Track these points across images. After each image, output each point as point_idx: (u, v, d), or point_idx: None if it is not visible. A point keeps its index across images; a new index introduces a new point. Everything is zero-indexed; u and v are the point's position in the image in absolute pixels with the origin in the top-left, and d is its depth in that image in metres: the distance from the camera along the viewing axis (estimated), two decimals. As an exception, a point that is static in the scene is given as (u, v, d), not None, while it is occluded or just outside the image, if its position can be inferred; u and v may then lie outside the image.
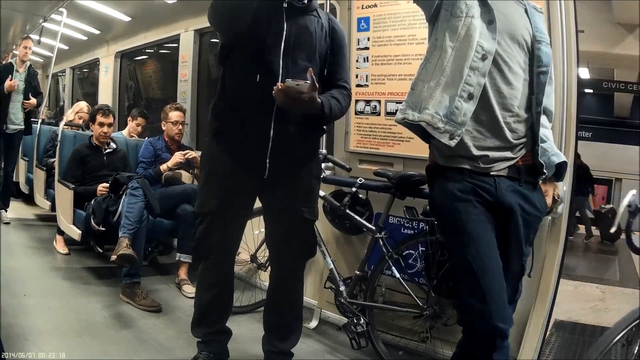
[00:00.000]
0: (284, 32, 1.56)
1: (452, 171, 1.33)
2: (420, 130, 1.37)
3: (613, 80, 7.47)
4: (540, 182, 1.39)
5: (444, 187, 1.35)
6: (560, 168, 1.41)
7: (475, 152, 1.30)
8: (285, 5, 1.57)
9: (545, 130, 1.38)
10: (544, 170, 1.35)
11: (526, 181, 1.35)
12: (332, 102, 1.59)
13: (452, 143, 1.28)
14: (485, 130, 1.30)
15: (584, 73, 7.46)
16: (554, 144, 1.44)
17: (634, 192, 1.40)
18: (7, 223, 3.92)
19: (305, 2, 1.61)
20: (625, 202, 1.37)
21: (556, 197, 1.46)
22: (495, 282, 1.27)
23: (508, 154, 1.32)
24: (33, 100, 3.95)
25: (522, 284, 1.43)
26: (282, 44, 1.55)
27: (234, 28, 1.54)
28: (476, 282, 1.26)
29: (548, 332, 2.59)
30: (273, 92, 1.45)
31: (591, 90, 8.07)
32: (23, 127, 3.97)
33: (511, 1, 1.37)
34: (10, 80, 3.69)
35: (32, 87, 3.97)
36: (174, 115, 3.11)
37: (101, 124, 3.09)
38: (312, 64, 1.59)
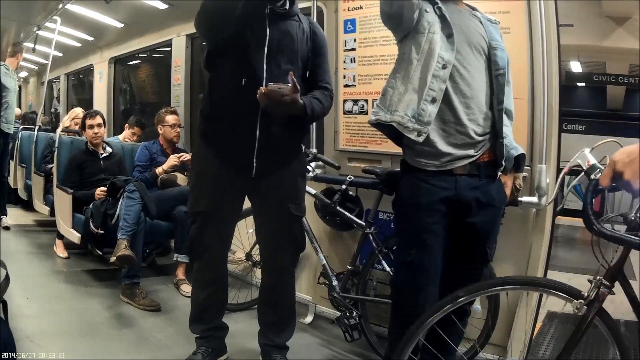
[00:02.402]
0: (267, 37, 1.61)
1: (418, 171, 1.48)
2: (390, 132, 1.54)
3: (604, 73, 7.48)
4: (500, 174, 1.54)
5: (411, 186, 1.51)
6: (519, 160, 1.58)
7: (443, 147, 1.45)
8: (267, 11, 1.63)
9: (506, 127, 1.53)
10: (503, 162, 1.50)
11: (485, 175, 1.49)
12: (314, 103, 1.65)
13: (420, 139, 1.44)
14: (450, 128, 1.46)
15: (576, 66, 7.47)
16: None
17: (586, 150, 1.19)
18: (7, 228, 3.96)
19: (287, 7, 1.67)
20: (570, 164, 1.19)
21: (517, 187, 1.64)
22: (425, 280, 1.47)
23: (471, 151, 1.47)
24: (18, 110, 4.05)
25: (489, 268, 1.61)
26: (266, 48, 1.61)
27: (218, 34, 1.60)
28: (411, 276, 1.48)
29: (541, 324, 2.64)
30: (257, 95, 1.51)
31: (583, 84, 8.08)
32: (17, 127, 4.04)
33: (467, 15, 1.54)
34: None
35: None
36: (171, 118, 3.17)
37: (90, 126, 3.17)
38: (295, 67, 1.65)
